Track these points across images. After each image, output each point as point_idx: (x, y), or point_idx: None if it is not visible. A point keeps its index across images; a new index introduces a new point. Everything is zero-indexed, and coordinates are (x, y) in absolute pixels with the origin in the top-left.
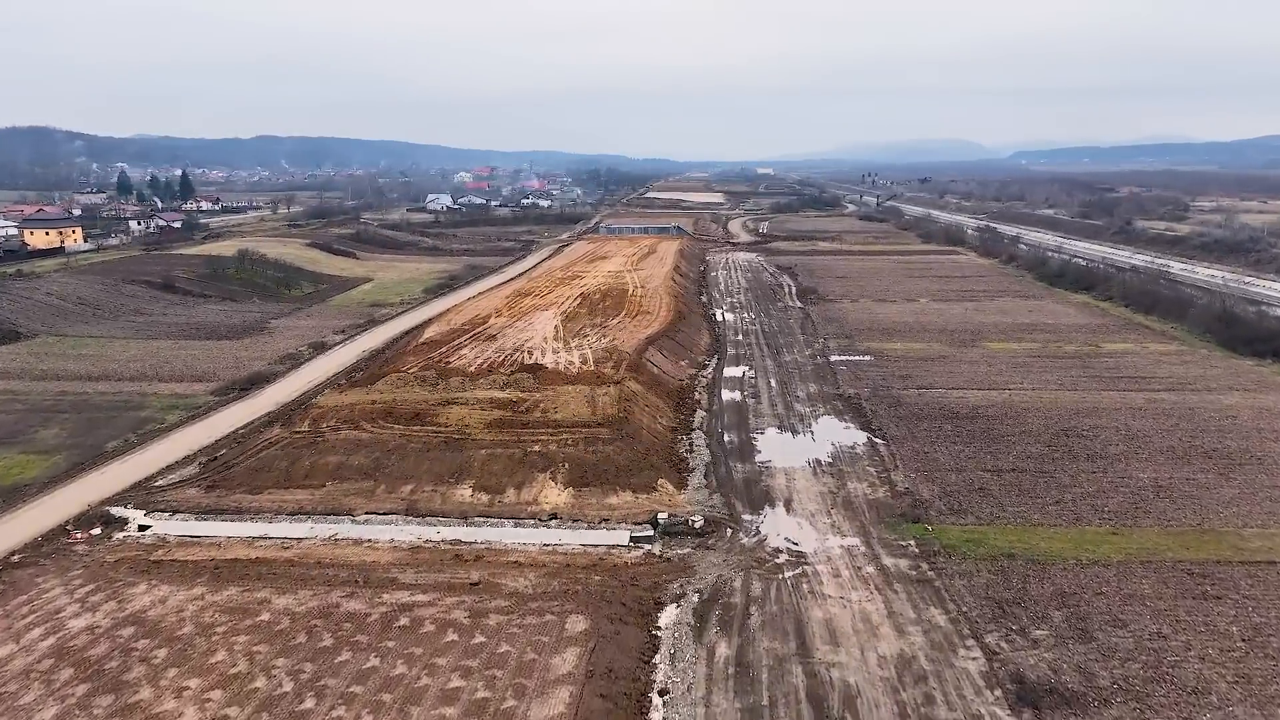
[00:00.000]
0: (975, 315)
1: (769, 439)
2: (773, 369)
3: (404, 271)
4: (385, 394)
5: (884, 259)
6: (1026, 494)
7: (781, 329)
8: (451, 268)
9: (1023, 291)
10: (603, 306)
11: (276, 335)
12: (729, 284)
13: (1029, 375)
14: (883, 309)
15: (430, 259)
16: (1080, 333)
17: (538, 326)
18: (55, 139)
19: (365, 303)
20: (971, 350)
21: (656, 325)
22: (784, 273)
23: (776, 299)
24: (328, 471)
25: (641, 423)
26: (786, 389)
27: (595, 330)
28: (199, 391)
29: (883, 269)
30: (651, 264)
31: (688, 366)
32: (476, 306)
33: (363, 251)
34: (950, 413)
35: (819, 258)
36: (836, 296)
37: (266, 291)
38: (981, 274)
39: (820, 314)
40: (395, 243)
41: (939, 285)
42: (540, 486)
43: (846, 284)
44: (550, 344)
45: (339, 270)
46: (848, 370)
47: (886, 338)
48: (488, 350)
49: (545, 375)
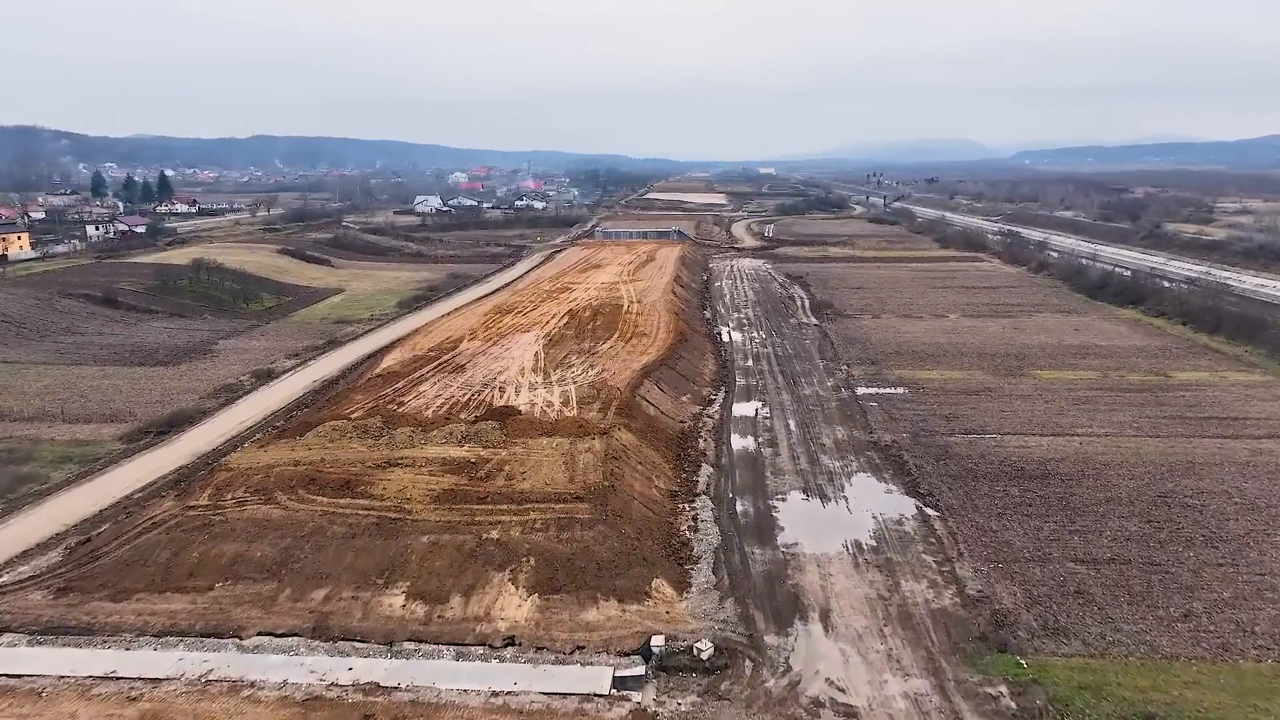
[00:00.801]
0: (1015, 335)
1: (793, 508)
2: (790, 406)
3: (380, 281)
4: (314, 451)
5: (902, 266)
6: (1141, 600)
7: (797, 352)
8: (433, 277)
9: (1062, 306)
10: (593, 327)
11: (220, 359)
12: (735, 296)
13: (1096, 415)
14: (909, 327)
15: (412, 266)
16: (1141, 357)
17: (515, 353)
18: (42, 138)
19: (330, 319)
20: (1020, 381)
21: (654, 351)
22: (795, 282)
23: (789, 314)
24: (219, 567)
25: (633, 490)
26: (809, 434)
27: (582, 358)
28: (106, 436)
29: (902, 278)
30: (650, 273)
31: (690, 403)
32: (449, 326)
33: (340, 258)
34: (1013, 469)
35: (831, 265)
36: (855, 311)
37: (222, 305)
38: (1011, 284)
39: (839, 333)
40: (377, 248)
41: (967, 298)
42: (496, 593)
43: (865, 296)
44: (527, 377)
45: (309, 280)
46: (879, 408)
47: (919, 364)
48: (452, 386)
49: (516, 424)
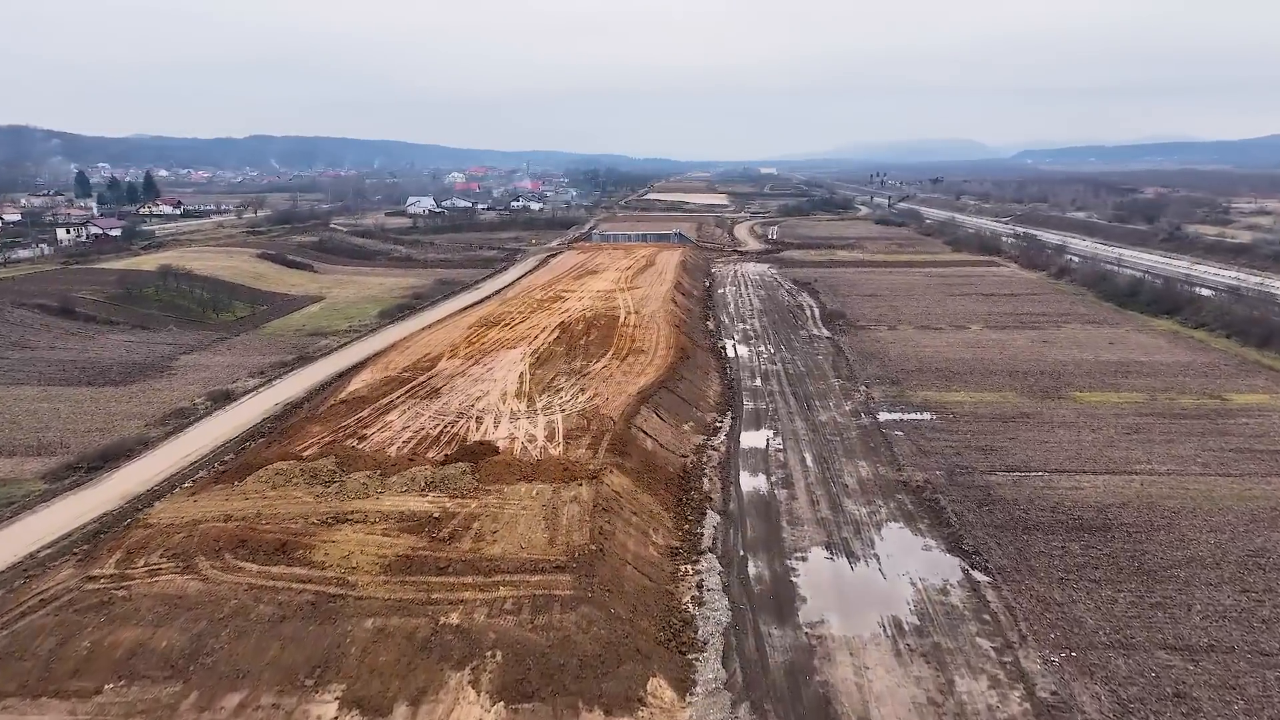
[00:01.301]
0: (1046, 350)
1: (815, 570)
2: (805, 435)
3: (364, 288)
4: (252, 500)
5: (915, 272)
6: (1259, 710)
7: (809, 369)
8: (420, 283)
9: (1091, 315)
10: (585, 343)
11: (178, 378)
12: (740, 305)
13: (1152, 447)
14: (929, 340)
15: (399, 272)
16: (1189, 376)
17: (498, 374)
18: (35, 138)
19: (305, 330)
20: (1060, 404)
21: (652, 371)
22: (803, 289)
23: (798, 324)
24: (113, 662)
25: (625, 551)
26: (828, 470)
27: (573, 380)
28: (28, 473)
29: (916, 285)
30: (649, 280)
31: (693, 432)
32: (429, 341)
33: (324, 263)
34: (1069, 519)
35: (840, 270)
36: (870, 322)
37: (190, 315)
38: (1033, 291)
39: (854, 346)
40: (364, 252)
41: (988, 307)
42: (452, 700)
43: (878, 305)
44: (509, 404)
45: (288, 287)
46: (906, 438)
47: (944, 383)
48: (424, 415)
49: (491, 467)
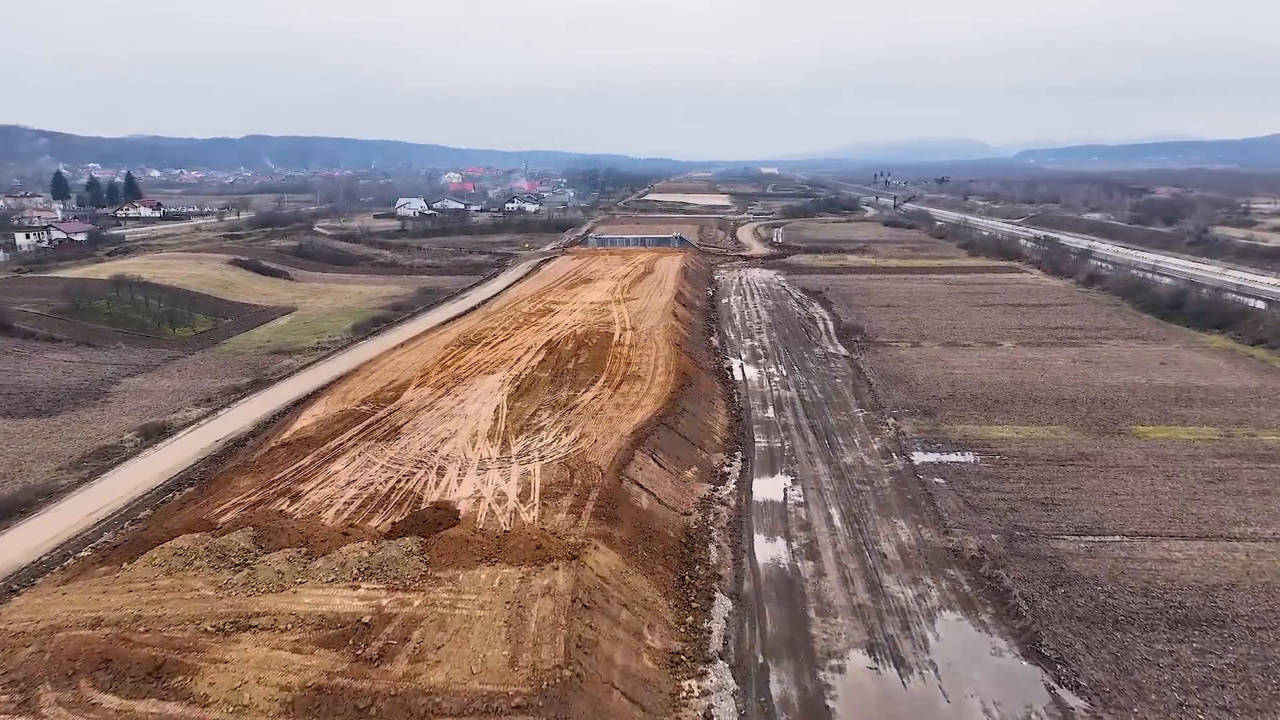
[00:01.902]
0: (1091, 372)
1: (857, 689)
2: (829, 483)
3: (341, 297)
4: (135, 594)
5: (932, 279)
6: None
7: (827, 395)
8: (402, 292)
9: (1132, 330)
10: (574, 366)
11: (113, 407)
12: (746, 317)
13: (1246, 500)
14: (958, 359)
15: (381, 279)
16: (1263, 405)
17: (471, 408)
18: (23, 137)
19: (269, 347)
20: (1122, 443)
21: (649, 402)
22: (814, 299)
23: (811, 340)
24: None
25: (611, 671)
26: (861, 534)
27: (556, 415)
28: None
29: (935, 293)
30: (647, 289)
31: (696, 479)
32: (398, 364)
33: (302, 269)
34: (1171, 607)
35: (852, 276)
36: (890, 337)
37: (144, 331)
38: (1062, 301)
39: (875, 366)
40: (346, 257)
41: (1017, 319)
42: None
43: (897, 317)
44: (479, 448)
45: (258, 297)
46: (949, 487)
47: (983, 414)
48: (376, 464)
49: (447, 543)
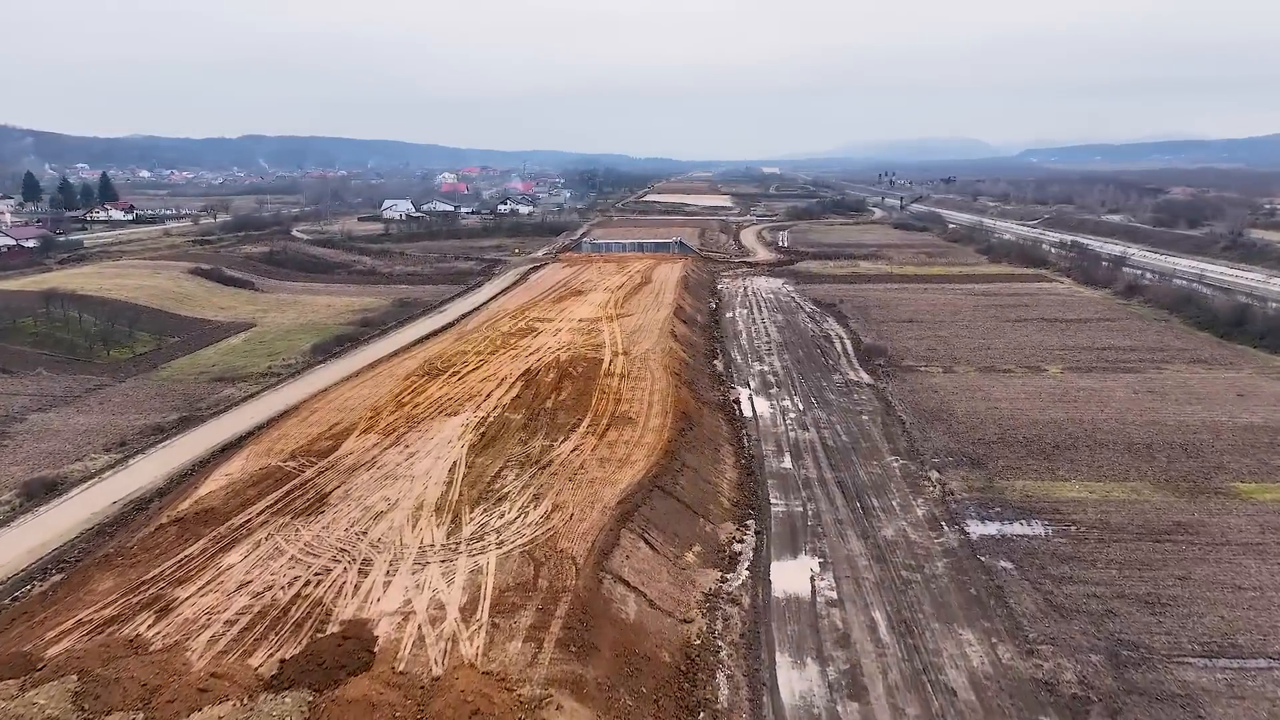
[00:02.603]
0: (1159, 405)
1: None
2: (868, 569)
3: (308, 310)
4: None
5: (954, 289)
6: None
7: (854, 437)
8: (376, 304)
9: (1192, 351)
10: (554, 404)
11: (6, 452)
12: (755, 335)
13: None
14: (1000, 388)
15: (356, 289)
16: None
17: (421, 465)
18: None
19: (213, 372)
20: (1225, 507)
21: (642, 456)
22: (827, 313)
23: (829, 364)
24: None
25: None
26: (917, 656)
27: (526, 476)
28: None
29: (960, 306)
30: (644, 303)
31: (699, 564)
32: (347, 400)
33: (272, 278)
34: None
35: (867, 286)
36: (918, 360)
37: (75, 352)
38: (1103, 315)
39: (906, 398)
40: (321, 265)
41: (1058, 338)
42: None
43: (922, 334)
44: (423, 528)
45: (216, 311)
46: (1021, 576)
47: (1044, 463)
48: (286, 553)
49: (345, 708)
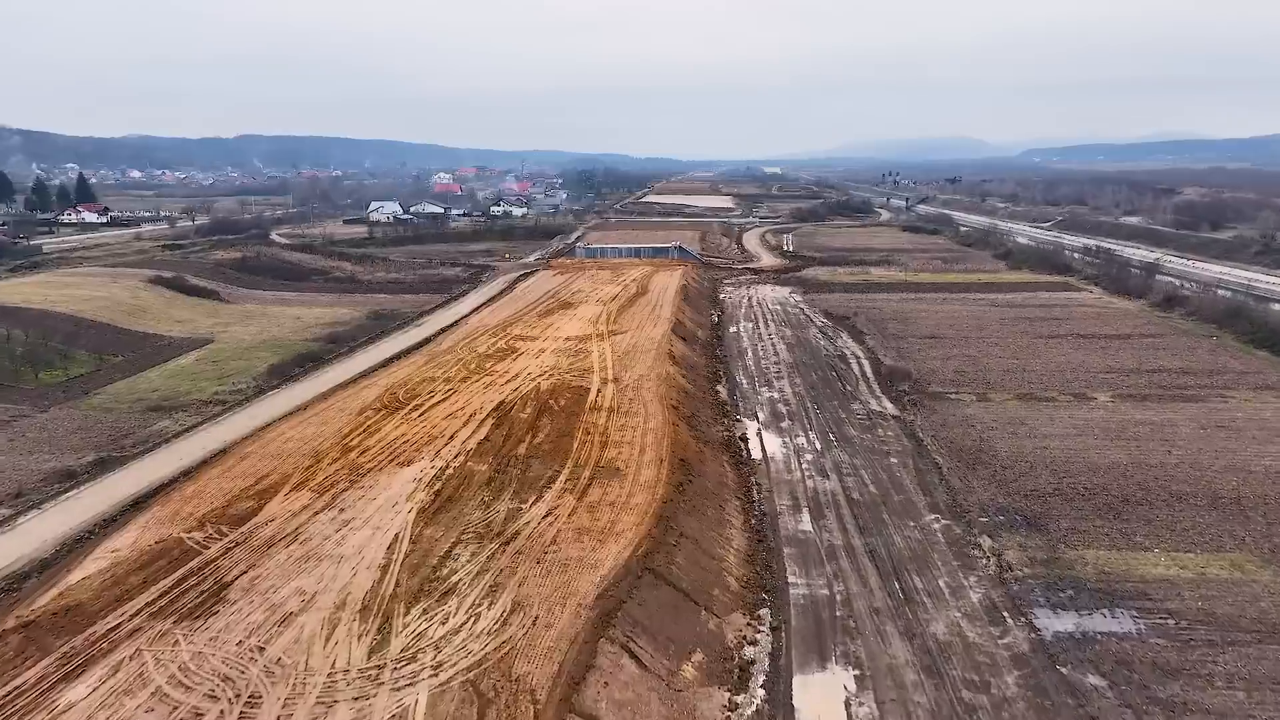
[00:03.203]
0: (1236, 445)
1: None
2: (917, 686)
3: (273, 324)
4: None
5: (975, 299)
6: None
7: (883, 487)
8: (349, 316)
9: (1256, 375)
10: (527, 450)
11: None
12: (761, 354)
13: None
14: (1044, 420)
15: (330, 299)
16: None
17: (356, 538)
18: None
19: (152, 399)
20: None
21: (630, 523)
22: (840, 326)
23: (846, 389)
24: None
25: None
26: None
27: (484, 556)
28: None
29: (986, 319)
30: (639, 318)
31: (699, 679)
32: (285, 444)
33: (241, 287)
34: None
35: (881, 296)
36: (947, 384)
37: (1, 374)
38: (1144, 330)
39: (938, 433)
40: (297, 271)
41: (1100, 357)
42: None
43: (948, 352)
44: (340, 643)
45: (172, 325)
46: (1118, 701)
47: (1116, 524)
48: (150, 683)
49: None
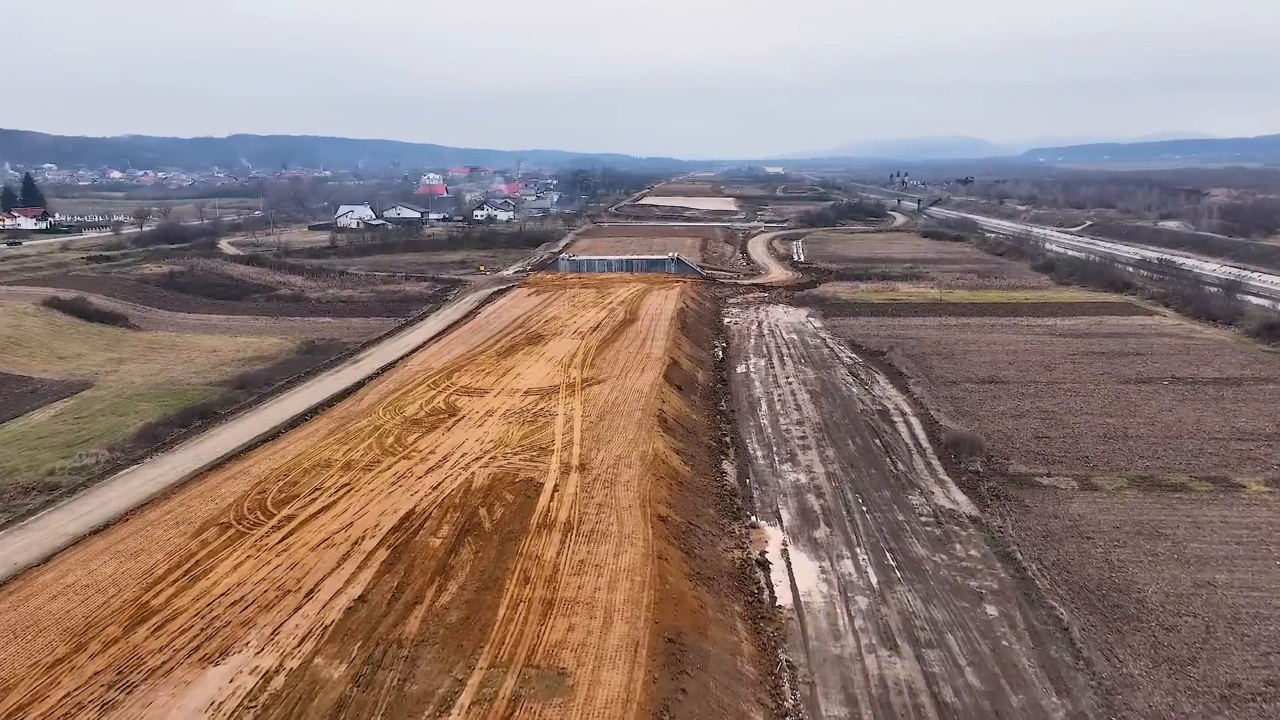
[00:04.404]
0: None
1: None
2: None
3: (179, 360)
4: None
5: (1028, 326)
6: None
7: (989, 680)
8: (278, 348)
9: None
10: (422, 624)
11: None
12: (779, 409)
13: None
14: (1188, 529)
15: (266, 322)
16: None
17: None
18: None
19: None
20: None
21: None
22: (874, 366)
23: (898, 471)
24: None
25: None
26: None
27: None
28: None
29: (1051, 354)
30: (623, 358)
31: None
32: (51, 599)
33: (163, 308)
34: None
35: (915, 322)
36: (1030, 458)
37: None
38: (1257, 373)
39: (1044, 555)
40: (236, 288)
41: (1217, 413)
42: None
43: (1017, 404)
44: None
45: (51, 361)
46: None
47: None
48: None
49: None
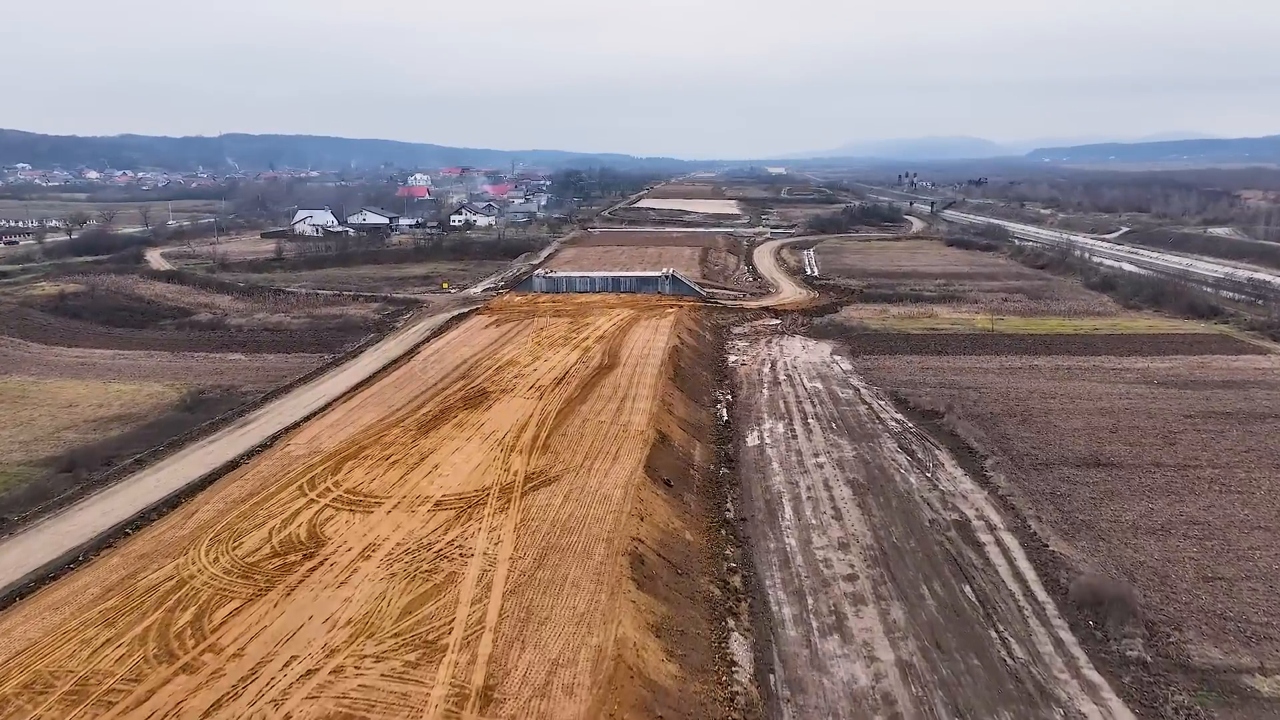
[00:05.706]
0: None
1: None
2: None
3: (11, 420)
4: None
5: (1114, 370)
6: None
7: None
8: (152, 403)
9: None
10: None
11: None
12: (810, 520)
13: None
14: None
15: (158, 361)
16: None
17: None
18: None
19: None
20: None
21: None
22: (931, 436)
23: (1015, 663)
24: None
25: None
26: None
27: None
28: None
29: (1163, 417)
30: (592, 427)
31: None
32: None
33: (35, 341)
34: None
35: (967, 362)
36: (1204, 630)
37: None
38: None
39: None
40: (146, 312)
41: None
42: None
43: (1151, 509)
44: None
45: None
46: None
47: None
48: None
49: None
